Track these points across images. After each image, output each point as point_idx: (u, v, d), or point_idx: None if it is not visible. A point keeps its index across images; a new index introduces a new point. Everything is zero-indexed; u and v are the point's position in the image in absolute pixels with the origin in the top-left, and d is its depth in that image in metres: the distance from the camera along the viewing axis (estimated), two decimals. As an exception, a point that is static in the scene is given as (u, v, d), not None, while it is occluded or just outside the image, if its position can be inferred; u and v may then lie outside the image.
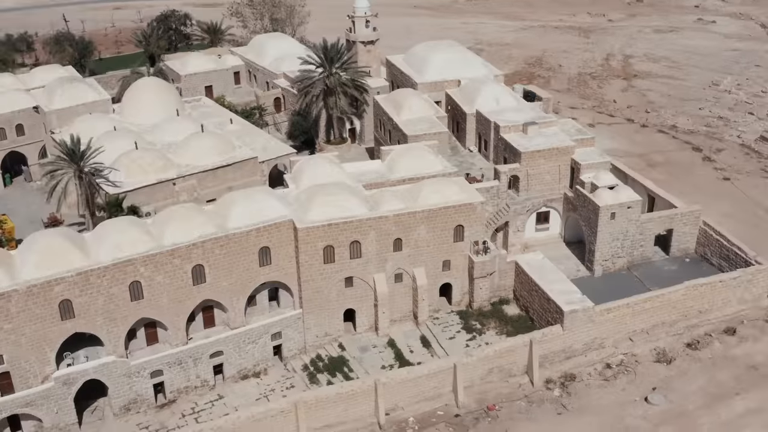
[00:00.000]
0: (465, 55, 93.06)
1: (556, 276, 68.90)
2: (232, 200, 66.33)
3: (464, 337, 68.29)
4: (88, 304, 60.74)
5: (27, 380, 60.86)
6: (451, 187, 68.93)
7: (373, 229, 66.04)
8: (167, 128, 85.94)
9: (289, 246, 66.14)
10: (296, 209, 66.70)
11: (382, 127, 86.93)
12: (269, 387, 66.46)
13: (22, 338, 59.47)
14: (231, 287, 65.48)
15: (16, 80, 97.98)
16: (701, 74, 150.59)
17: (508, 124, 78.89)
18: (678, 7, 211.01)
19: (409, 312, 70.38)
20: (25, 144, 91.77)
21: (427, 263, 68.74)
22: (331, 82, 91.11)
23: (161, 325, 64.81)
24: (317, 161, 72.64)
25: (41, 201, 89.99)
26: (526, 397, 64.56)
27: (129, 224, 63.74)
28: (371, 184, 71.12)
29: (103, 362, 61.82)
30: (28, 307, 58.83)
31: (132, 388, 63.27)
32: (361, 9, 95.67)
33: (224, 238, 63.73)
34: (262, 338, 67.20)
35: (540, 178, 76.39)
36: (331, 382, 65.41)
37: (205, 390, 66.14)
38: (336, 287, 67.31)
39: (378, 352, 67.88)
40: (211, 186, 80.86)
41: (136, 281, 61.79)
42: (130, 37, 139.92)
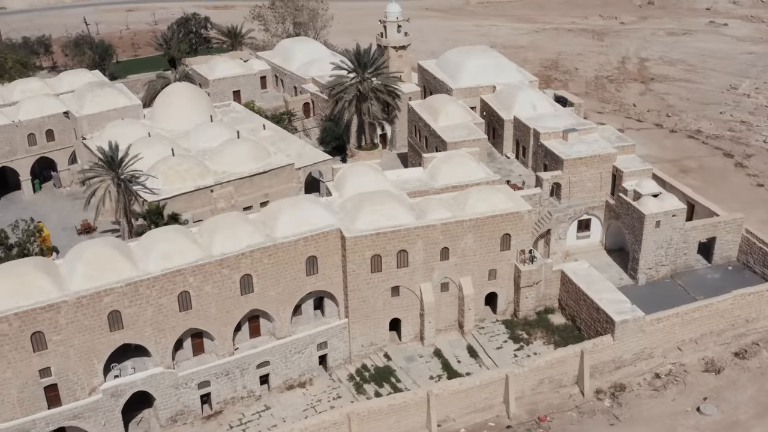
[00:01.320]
0: (499, 61, 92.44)
1: (603, 285, 68.32)
2: (279, 209, 65.60)
3: (511, 347, 67.66)
4: (137, 315, 60.01)
5: (74, 392, 60.11)
6: (498, 196, 68.30)
7: (421, 238, 65.39)
8: (201, 134, 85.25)
9: (335, 255, 65.47)
10: (342, 218, 66.01)
11: (418, 133, 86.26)
12: (316, 397, 65.76)
13: (71, 350, 58.73)
14: (278, 297, 64.79)
15: (44, 85, 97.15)
16: (718, 77, 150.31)
17: (548, 131, 78.31)
18: (689, 10, 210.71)
19: (454, 321, 69.76)
20: (55, 149, 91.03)
21: (473, 272, 68.12)
22: (364, 87, 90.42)
23: (208, 335, 64.10)
24: (360, 169, 71.94)
25: (72, 207, 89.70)
26: (577, 407, 64.01)
27: (176, 233, 62.99)
28: (415, 192, 70.52)
29: (151, 373, 61.07)
30: (77, 319, 58.08)
31: (179, 399, 62.55)
32: (393, 14, 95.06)
33: (272, 247, 63.03)
34: (308, 348, 66.53)
35: (581, 186, 75.84)
36: (378, 392, 64.78)
37: (252, 401, 65.45)
38: (382, 297, 66.67)
39: (425, 362, 67.23)
40: (247, 193, 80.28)
41: (185, 291, 61.08)
42: (150, 40, 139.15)
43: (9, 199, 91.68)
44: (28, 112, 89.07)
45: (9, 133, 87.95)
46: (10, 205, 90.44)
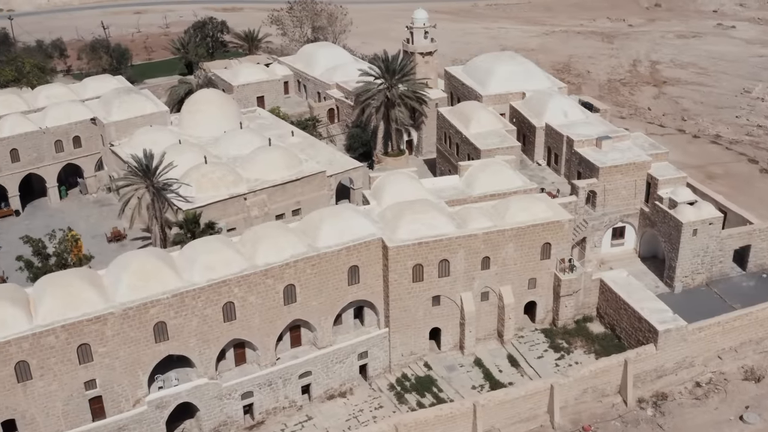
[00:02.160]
0: (527, 67, 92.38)
1: (644, 294, 68.31)
2: (320, 218, 65.39)
3: (552, 356, 67.58)
4: (182, 326, 59.75)
5: (119, 404, 59.81)
6: (538, 204, 68.24)
7: (462, 247, 65.28)
8: (231, 141, 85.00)
9: (377, 264, 65.30)
10: (383, 227, 65.84)
11: (448, 140, 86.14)
12: (357, 407, 65.58)
13: (116, 362, 58.42)
14: (320, 306, 64.59)
15: (69, 91, 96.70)
16: (731, 81, 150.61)
17: (582, 138, 78.26)
18: (697, 12, 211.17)
19: (493, 330, 69.67)
20: (81, 156, 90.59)
21: (513, 281, 68.03)
22: (392, 94, 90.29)
23: (250, 345, 63.84)
24: (397, 177, 71.79)
25: (99, 214, 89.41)
26: (621, 417, 63.96)
27: (220, 243, 62.73)
28: (453, 200, 70.38)
29: (195, 385, 60.83)
30: (123, 330, 57.78)
31: (223, 410, 62.34)
32: (420, 20, 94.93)
33: (316, 257, 62.82)
34: (349, 358, 66.39)
35: (616, 194, 75.84)
36: (420, 402, 64.65)
37: (293, 411, 65.28)
38: (423, 306, 66.54)
39: (466, 372, 67.11)
40: (280, 200, 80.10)
41: (230, 302, 60.84)
42: (166, 43, 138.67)
43: (35, 206, 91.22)
44: (55, 118, 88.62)
45: (36, 139, 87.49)
46: (36, 212, 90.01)
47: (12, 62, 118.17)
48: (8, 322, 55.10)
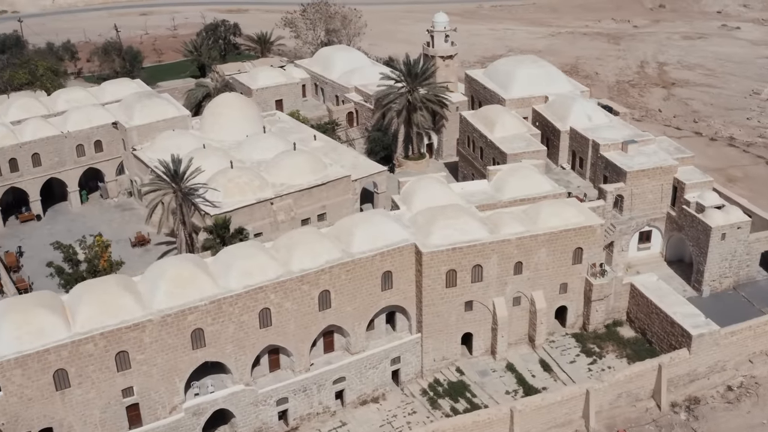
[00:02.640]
0: (549, 71, 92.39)
1: (675, 298, 68.48)
2: (354, 224, 65.35)
3: (584, 361, 67.69)
4: (219, 333, 59.66)
5: (155, 411, 59.68)
6: (570, 209, 68.33)
7: (496, 252, 65.33)
8: (255, 145, 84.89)
9: (410, 270, 65.33)
10: (415, 232, 65.81)
11: (471, 144, 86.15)
12: (390, 413, 65.56)
13: (154, 369, 58.29)
14: (354, 312, 64.56)
15: (88, 94, 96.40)
16: (739, 82, 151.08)
17: (608, 142, 78.37)
18: (701, 13, 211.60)
19: (524, 335, 69.73)
20: (103, 160, 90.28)
21: (545, 286, 68.11)
22: (414, 98, 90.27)
23: (284, 351, 63.77)
24: (427, 182, 71.80)
25: (121, 218, 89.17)
26: (655, 421, 64.13)
27: (255, 249, 62.62)
28: (483, 205, 70.38)
29: (232, 391, 60.81)
30: (161, 337, 57.66)
31: (258, 416, 62.30)
32: (441, 23, 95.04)
33: (351, 263, 62.79)
34: (382, 363, 66.40)
35: (643, 198, 75.99)
36: (454, 407, 64.69)
37: (327, 416, 65.25)
38: (456, 311, 66.58)
39: (498, 377, 67.16)
40: (305, 205, 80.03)
41: (266, 308, 60.77)
42: (179, 46, 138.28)
43: (56, 210, 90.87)
44: (77, 122, 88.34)
45: (58, 144, 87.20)
46: (57, 217, 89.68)
47: (25, 65, 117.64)
48: (47, 329, 54.92)
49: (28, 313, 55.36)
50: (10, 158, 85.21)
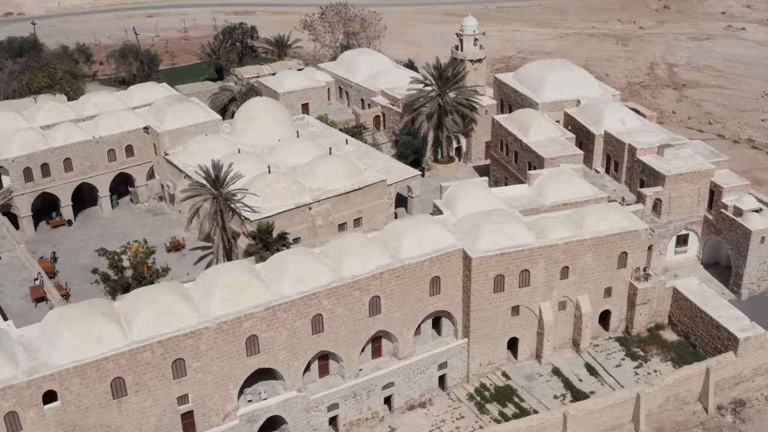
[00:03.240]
0: (580, 74, 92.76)
1: (718, 302, 68.92)
2: (402, 229, 65.43)
3: (630, 365, 67.98)
4: (273, 339, 59.67)
5: (209, 419, 59.61)
6: (614, 214, 68.63)
7: (543, 257, 65.56)
8: (289, 150, 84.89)
9: (457, 275, 65.51)
10: (462, 238, 65.96)
11: (505, 148, 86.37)
12: (438, 418, 65.73)
13: (209, 376, 58.24)
14: (403, 317, 64.69)
15: (117, 99, 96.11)
16: (749, 83, 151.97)
17: (644, 146, 78.72)
18: (705, 14, 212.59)
19: (568, 339, 69.98)
20: (133, 165, 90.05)
21: (590, 290, 68.39)
22: (445, 101, 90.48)
23: (334, 357, 63.83)
24: (469, 187, 71.99)
25: (153, 223, 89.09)
26: (702, 424, 64.55)
27: (306, 256, 62.65)
28: (526, 210, 70.60)
29: (285, 398, 60.85)
30: (217, 345, 57.63)
31: (309, 422, 62.35)
32: (470, 27, 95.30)
33: (401, 268, 62.91)
34: (430, 368, 66.55)
35: (680, 201, 76.37)
36: (502, 411, 64.90)
37: (375, 422, 65.39)
38: (503, 316, 66.78)
39: (545, 381, 67.37)
40: (342, 210, 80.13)
41: (319, 314, 60.80)
42: (190, 48, 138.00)
43: (87, 216, 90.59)
44: (108, 127, 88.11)
45: (89, 149, 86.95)
46: (88, 222, 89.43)
47: (43, 68, 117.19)
48: (105, 338, 54.78)
49: (85, 321, 55.18)
50: (42, 163, 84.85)
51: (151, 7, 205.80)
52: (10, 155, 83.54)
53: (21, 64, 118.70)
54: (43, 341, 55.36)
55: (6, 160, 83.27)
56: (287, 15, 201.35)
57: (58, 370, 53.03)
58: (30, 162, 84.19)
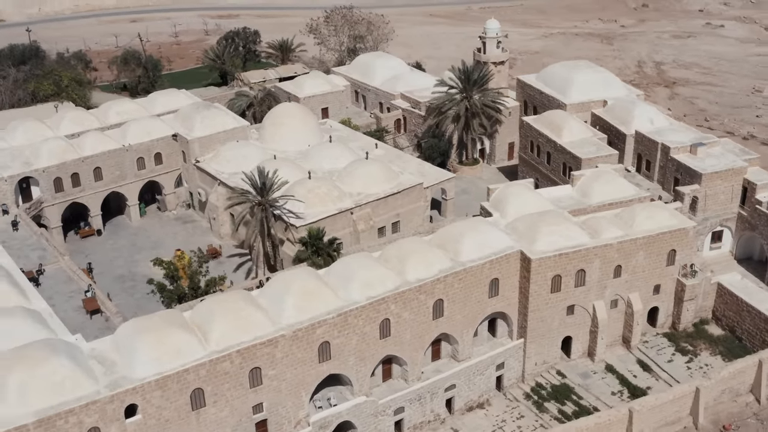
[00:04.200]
0: (605, 75, 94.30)
1: (763, 295, 70.70)
2: (460, 232, 66.06)
3: (681, 360, 69.43)
4: (344, 345, 59.93)
5: (281, 426, 59.72)
6: (662, 212, 70.06)
7: (598, 257, 66.70)
8: (323, 155, 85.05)
9: (514, 276, 66.35)
10: (517, 239, 66.80)
11: (536, 149, 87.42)
12: (499, 418, 66.44)
13: (283, 384, 58.32)
14: (463, 320, 65.37)
15: (139, 106, 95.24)
16: (738, 80, 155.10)
17: (678, 146, 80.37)
18: (683, 12, 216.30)
19: (618, 336, 71.20)
20: (162, 173, 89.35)
21: (641, 288, 69.71)
22: (472, 104, 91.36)
23: (396, 360, 64.26)
24: (517, 189, 72.87)
25: (185, 231, 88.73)
26: (755, 414, 66.13)
27: (370, 261, 63.00)
28: (574, 210, 71.66)
29: (355, 403, 61.03)
30: (291, 352, 57.73)
31: (377, 427, 62.62)
32: (493, 30, 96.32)
33: (463, 271, 63.56)
34: (489, 369, 67.26)
35: (715, 198, 78.14)
36: (561, 410, 65.84)
37: (437, 424, 65.90)
38: (558, 315, 67.77)
39: (600, 378, 68.50)
40: (381, 213, 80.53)
41: (386, 319, 61.21)
42: (196, 54, 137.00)
43: (115, 225, 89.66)
44: (136, 135, 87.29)
45: (119, 157, 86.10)
46: (118, 231, 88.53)
47: (48, 76, 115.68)
48: (183, 349, 54.55)
49: (162, 332, 54.90)
50: (72, 173, 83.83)
51: (133, 12, 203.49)
52: (40, 165, 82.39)
53: (25, 72, 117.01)
54: (118, 354, 54.88)
55: (36, 171, 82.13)
56: (272, 18, 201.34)
57: (140, 384, 52.61)
58: (60, 172, 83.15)
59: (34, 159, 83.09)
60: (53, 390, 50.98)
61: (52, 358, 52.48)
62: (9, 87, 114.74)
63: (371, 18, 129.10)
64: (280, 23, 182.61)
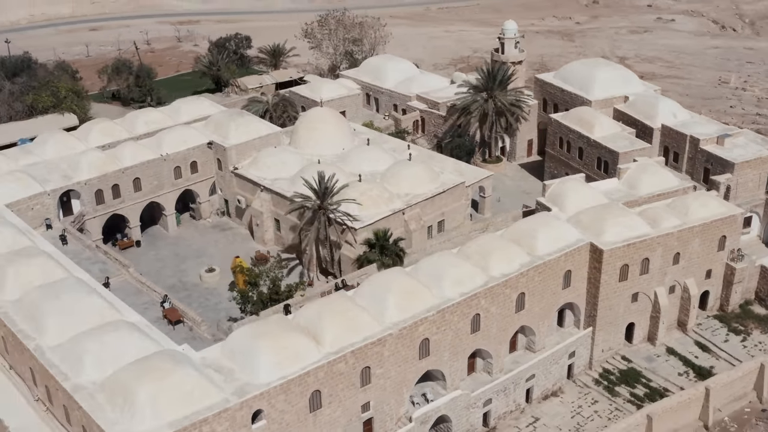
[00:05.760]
0: (623, 72, 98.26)
1: (804, 276, 75.38)
2: (533, 227, 68.43)
3: (736, 339, 73.41)
4: (440, 341, 61.65)
5: (384, 424, 61.07)
6: (712, 201, 73.94)
7: (661, 245, 70.04)
8: (362, 157, 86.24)
9: (584, 268, 69.14)
10: (584, 231, 69.58)
11: (566, 145, 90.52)
12: (575, 404, 69.04)
13: (388, 382, 59.70)
14: (541, 312, 67.82)
15: (165, 115, 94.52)
16: (702, 73, 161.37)
17: (707, 137, 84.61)
18: (633, 7, 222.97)
19: (674, 320, 74.73)
20: (198, 181, 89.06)
21: (695, 273, 73.38)
22: (501, 103, 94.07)
23: (480, 354, 66.24)
24: (573, 184, 75.70)
25: (225, 239, 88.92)
26: (764, 411, 70.24)
27: (457, 258, 64.82)
28: (627, 202, 74.85)
29: (452, 397, 62.89)
30: (397, 350, 59.15)
31: (468, 419, 64.56)
32: (511, 31, 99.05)
33: (542, 265, 65.99)
34: (563, 358, 69.87)
35: (745, 186, 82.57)
36: (632, 392, 68.92)
37: (518, 413, 68.13)
38: (624, 303, 70.84)
39: (665, 361, 71.88)
40: (429, 213, 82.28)
41: (477, 314, 63.17)
42: (193, 63, 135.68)
43: (151, 235, 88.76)
44: (172, 144, 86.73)
45: (157, 167, 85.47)
46: (156, 242, 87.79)
47: (44, 87, 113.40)
48: (302, 352, 55.41)
49: (279, 337, 55.67)
50: (113, 184, 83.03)
51: (91, 21, 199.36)
52: (82, 178, 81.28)
53: (20, 84, 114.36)
54: (234, 362, 55.31)
55: (78, 184, 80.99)
56: (233, 23, 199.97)
57: (267, 389, 53.28)
58: (101, 184, 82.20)
59: (73, 172, 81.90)
60: (183, 400, 51.17)
61: (177, 368, 52.74)
62: (6, 100, 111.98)
63: (367, 21, 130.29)
64: (241, 28, 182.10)
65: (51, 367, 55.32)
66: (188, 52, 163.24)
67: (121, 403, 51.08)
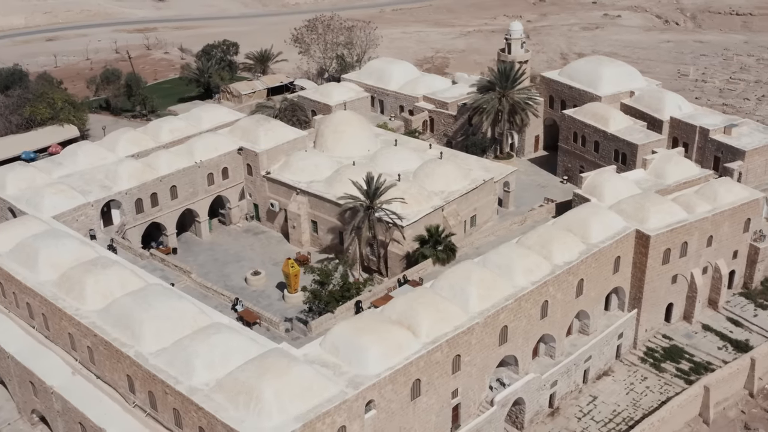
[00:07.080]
0: (627, 69, 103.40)
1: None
2: (584, 217, 72.40)
3: (764, 314, 78.92)
4: (516, 328, 65.08)
5: (468, 409, 64.09)
6: (735, 186, 79.42)
7: (698, 229, 75.06)
8: (392, 158, 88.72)
9: (630, 253, 73.62)
10: (627, 219, 74.03)
11: (580, 139, 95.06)
12: (626, 381, 73.31)
13: (473, 368, 62.77)
14: (595, 296, 71.94)
15: (188, 123, 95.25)
16: (660, 66, 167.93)
17: (715, 128, 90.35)
18: (578, 4, 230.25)
19: (706, 299, 79.91)
20: (229, 187, 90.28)
21: (725, 254, 78.70)
22: (515, 101, 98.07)
23: (542, 339, 69.90)
24: (607, 175, 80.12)
25: (259, 242, 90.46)
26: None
27: (524, 249, 68.37)
28: (660, 190, 79.68)
29: (526, 380, 66.40)
30: (482, 338, 62.30)
31: (538, 400, 68.19)
32: (517, 31, 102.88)
33: (599, 252, 70.12)
34: (613, 339, 74.19)
35: (754, 172, 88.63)
36: (678, 368, 73.68)
37: (576, 393, 72.06)
38: (665, 285, 75.61)
39: (703, 337, 76.92)
40: (464, 209, 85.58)
41: (546, 300, 66.83)
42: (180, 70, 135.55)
43: (185, 242, 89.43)
44: (204, 151, 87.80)
45: (192, 174, 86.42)
46: (192, 248, 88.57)
47: (39, 99, 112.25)
48: (403, 344, 58.01)
49: (382, 330, 58.16)
50: (152, 193, 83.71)
51: (46, 31, 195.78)
52: (122, 188, 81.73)
53: (14, 97, 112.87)
54: (337, 357, 57.50)
55: (120, 193, 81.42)
56: (190, 30, 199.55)
57: (378, 380, 55.74)
58: (141, 193, 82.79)
59: (112, 182, 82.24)
60: (304, 395, 53.18)
61: (293, 365, 54.73)
62: (2, 113, 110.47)
63: (356, 25, 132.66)
64: (198, 34, 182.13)
65: (159, 372, 56.42)
66: (160, 60, 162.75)
67: (245, 401, 52.62)
